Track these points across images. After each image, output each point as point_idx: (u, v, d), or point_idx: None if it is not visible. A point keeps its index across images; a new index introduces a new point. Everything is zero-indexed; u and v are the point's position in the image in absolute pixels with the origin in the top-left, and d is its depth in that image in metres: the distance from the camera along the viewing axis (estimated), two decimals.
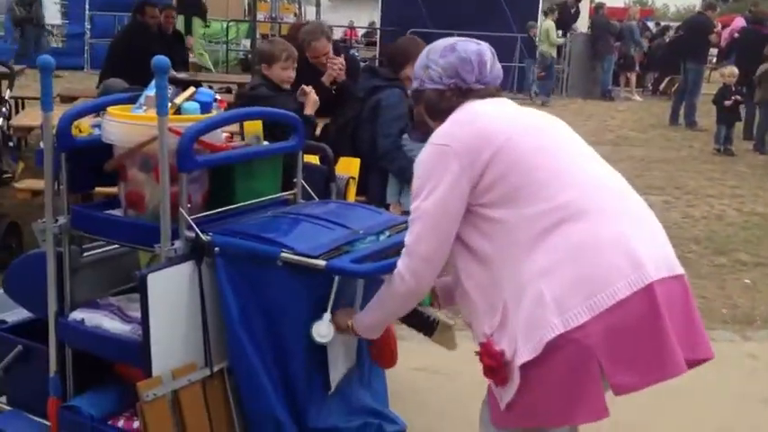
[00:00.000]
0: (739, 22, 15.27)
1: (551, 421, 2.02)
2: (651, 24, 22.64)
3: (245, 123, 2.75)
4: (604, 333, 1.91)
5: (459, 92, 2.20)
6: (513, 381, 1.99)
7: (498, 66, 2.27)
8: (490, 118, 2.13)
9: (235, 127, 3.19)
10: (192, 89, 2.47)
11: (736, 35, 13.41)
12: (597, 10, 16.74)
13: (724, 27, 15.64)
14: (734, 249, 6.14)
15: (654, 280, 1.95)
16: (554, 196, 2.00)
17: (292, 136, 2.78)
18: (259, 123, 2.71)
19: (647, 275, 1.95)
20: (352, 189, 3.51)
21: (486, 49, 2.24)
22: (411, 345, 3.76)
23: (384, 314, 2.28)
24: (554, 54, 15.51)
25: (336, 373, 2.52)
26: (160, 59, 2.23)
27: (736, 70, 11.04)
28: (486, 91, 2.22)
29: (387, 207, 4.54)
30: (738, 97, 10.65)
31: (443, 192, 2.04)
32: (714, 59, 17.02)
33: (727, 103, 10.61)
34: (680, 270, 2.06)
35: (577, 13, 17.34)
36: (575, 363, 1.93)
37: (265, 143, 2.75)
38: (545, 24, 15.56)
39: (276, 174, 2.76)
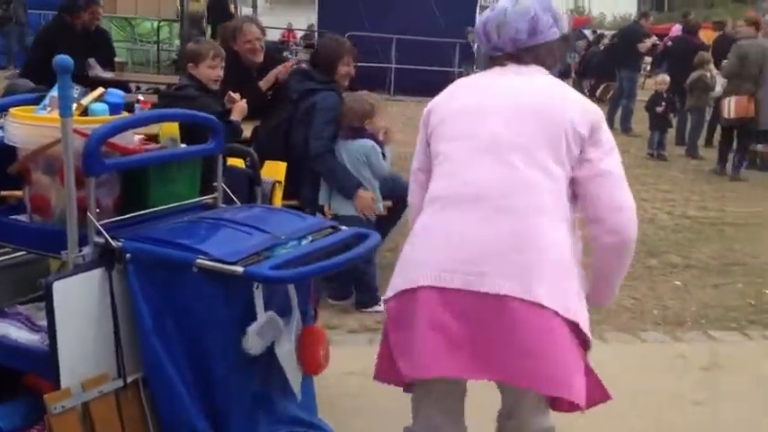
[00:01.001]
0: (677, 30, 15.51)
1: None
2: (588, 32, 23.00)
3: (162, 125, 2.65)
4: (391, 313, 2.24)
5: (489, 59, 2.32)
6: None
7: (512, 28, 2.21)
8: (451, 96, 2.31)
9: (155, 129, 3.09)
10: (100, 89, 2.36)
11: (669, 44, 13.65)
12: None
13: (662, 36, 15.88)
14: (665, 252, 6.23)
15: (425, 285, 2.11)
16: (436, 181, 2.24)
17: (211, 139, 2.69)
18: (175, 125, 2.61)
19: (420, 279, 2.13)
20: (279, 193, 3.43)
21: (494, 16, 2.24)
22: (343, 349, 3.70)
23: None
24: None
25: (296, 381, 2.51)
26: (63, 59, 2.13)
27: (667, 78, 11.27)
28: (501, 58, 2.28)
29: (321, 210, 4.48)
30: (664, 104, 10.82)
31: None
32: (648, 67, 17.33)
33: (659, 109, 10.81)
34: (496, 290, 2.05)
35: None
36: (384, 327, 2.31)
37: (183, 146, 2.66)
38: None
39: (194, 177, 2.66)
